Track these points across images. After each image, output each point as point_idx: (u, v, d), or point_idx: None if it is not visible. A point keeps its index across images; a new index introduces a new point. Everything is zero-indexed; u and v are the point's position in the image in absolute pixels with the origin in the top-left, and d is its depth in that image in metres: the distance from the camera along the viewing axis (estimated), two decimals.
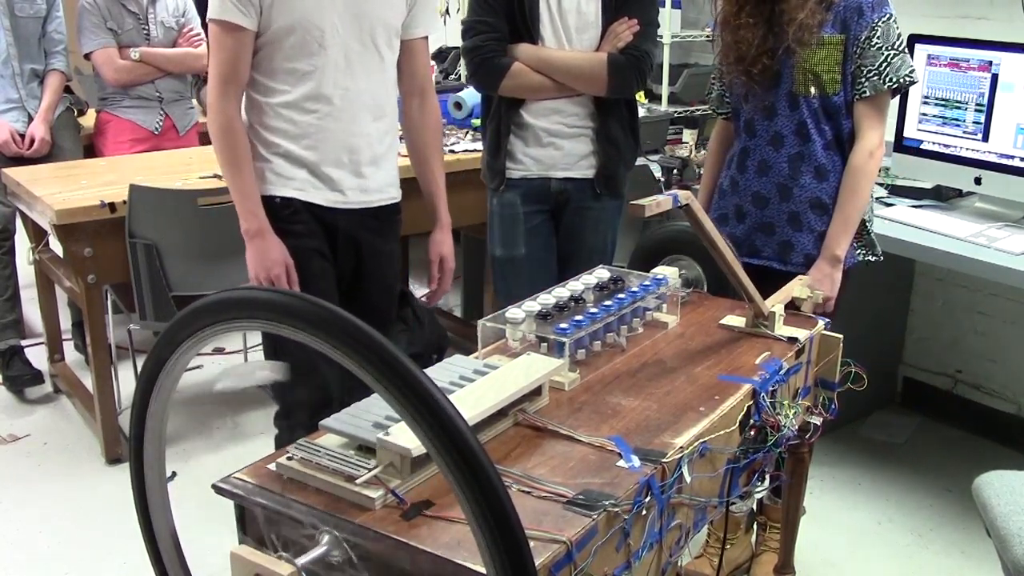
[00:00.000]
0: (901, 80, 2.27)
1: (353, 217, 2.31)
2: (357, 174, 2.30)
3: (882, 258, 2.46)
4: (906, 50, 2.29)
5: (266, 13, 2.15)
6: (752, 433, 1.67)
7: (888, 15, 2.25)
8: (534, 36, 2.63)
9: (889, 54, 2.25)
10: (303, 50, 2.18)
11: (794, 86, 2.30)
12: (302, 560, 1.20)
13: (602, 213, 2.77)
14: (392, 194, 2.39)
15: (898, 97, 2.47)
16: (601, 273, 1.99)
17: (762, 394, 1.69)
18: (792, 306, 2.04)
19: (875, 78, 2.26)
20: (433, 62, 4.85)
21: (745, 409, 1.65)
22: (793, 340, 1.89)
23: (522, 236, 2.76)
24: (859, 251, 2.41)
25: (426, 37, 2.40)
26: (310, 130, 2.24)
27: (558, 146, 2.69)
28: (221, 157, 2.23)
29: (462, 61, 4.77)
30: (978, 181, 2.90)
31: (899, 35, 2.27)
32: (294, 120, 2.23)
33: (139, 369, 1.79)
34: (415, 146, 2.48)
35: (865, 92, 2.27)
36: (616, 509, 1.29)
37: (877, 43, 2.24)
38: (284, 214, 2.26)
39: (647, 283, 1.94)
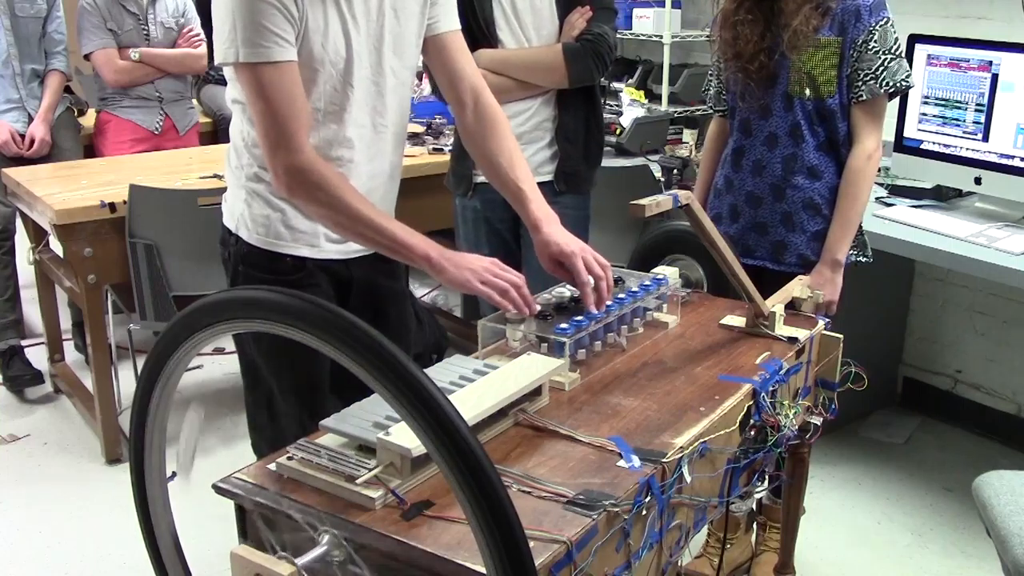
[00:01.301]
0: (897, 85, 2.26)
1: (366, 263, 2.01)
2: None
3: (872, 259, 2.45)
4: (903, 54, 2.29)
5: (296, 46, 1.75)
6: (752, 433, 1.67)
7: (885, 19, 2.25)
8: (492, 40, 2.61)
9: (886, 58, 2.24)
10: (327, 87, 1.82)
11: (789, 87, 2.30)
12: (302, 560, 1.20)
13: (559, 218, 2.70)
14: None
15: (898, 97, 2.47)
16: None
17: (762, 394, 1.68)
18: (792, 306, 2.04)
19: (872, 82, 2.25)
20: None
21: (745, 409, 1.65)
22: (793, 340, 1.89)
23: (484, 238, 2.75)
24: (851, 252, 2.40)
25: (459, 30, 2.01)
26: None
27: None
28: (338, 213, 1.75)
29: None
30: (978, 181, 2.90)
31: (896, 39, 2.27)
32: None
33: (139, 369, 1.78)
34: (489, 159, 1.99)
35: (862, 96, 2.27)
36: (616, 509, 1.29)
37: (874, 47, 2.24)
38: (295, 277, 1.91)
39: (647, 283, 1.94)
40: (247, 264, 1.92)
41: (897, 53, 2.27)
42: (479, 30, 2.60)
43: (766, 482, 1.90)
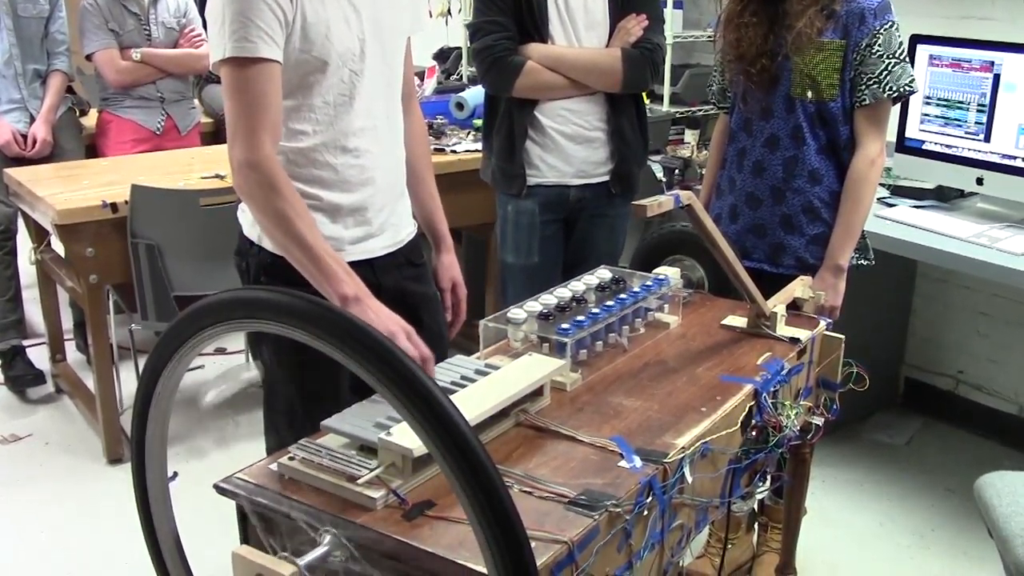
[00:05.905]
0: (901, 89, 2.25)
1: (391, 269, 2.00)
2: (394, 211, 2.01)
3: (874, 262, 2.45)
4: (907, 59, 2.27)
5: (295, 43, 1.76)
6: (754, 434, 1.67)
7: (890, 23, 2.23)
8: (543, 35, 2.61)
9: (889, 62, 2.23)
10: (337, 79, 1.82)
11: (791, 89, 2.29)
12: (304, 560, 1.20)
13: (616, 220, 2.77)
14: (414, 224, 2.11)
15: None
16: (603, 273, 1.99)
17: (764, 394, 1.68)
18: (793, 306, 2.03)
19: (875, 86, 2.24)
20: (434, 62, 4.85)
21: (747, 409, 1.65)
22: (795, 340, 1.88)
23: (537, 244, 2.73)
24: (853, 255, 2.39)
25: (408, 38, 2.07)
26: (352, 172, 1.88)
27: (575, 151, 2.67)
28: (278, 221, 1.72)
29: (463, 61, 4.77)
30: (980, 182, 2.90)
31: (900, 43, 2.25)
32: (332, 164, 1.86)
33: (141, 369, 1.78)
34: (411, 165, 2.09)
35: (865, 100, 2.26)
36: (618, 509, 1.29)
37: (878, 51, 2.22)
38: None
39: (649, 283, 1.94)
40: (269, 275, 1.87)
41: (901, 57, 2.24)
42: (532, 24, 2.61)
43: (768, 483, 1.90)
